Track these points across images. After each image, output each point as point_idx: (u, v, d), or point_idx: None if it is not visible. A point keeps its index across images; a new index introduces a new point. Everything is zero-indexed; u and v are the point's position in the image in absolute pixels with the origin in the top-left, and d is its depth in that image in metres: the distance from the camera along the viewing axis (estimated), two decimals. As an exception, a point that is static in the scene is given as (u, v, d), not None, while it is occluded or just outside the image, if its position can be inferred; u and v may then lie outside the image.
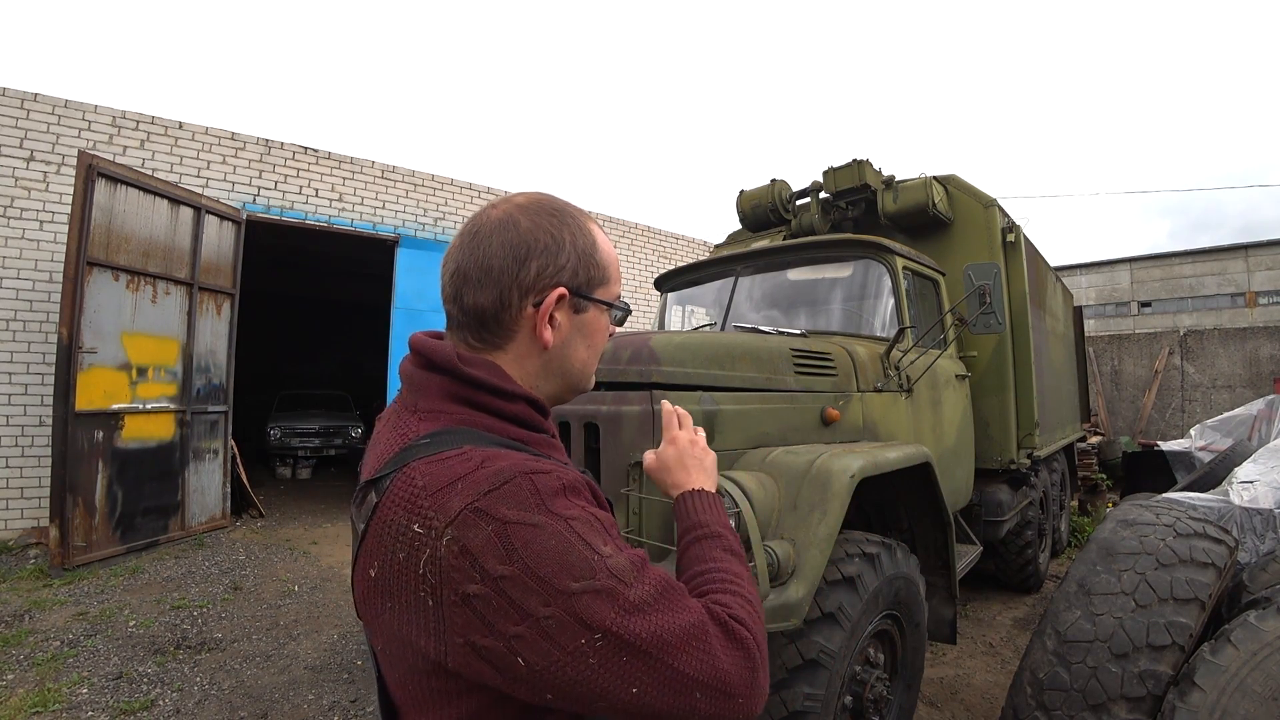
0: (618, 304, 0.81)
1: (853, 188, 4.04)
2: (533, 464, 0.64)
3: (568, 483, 0.65)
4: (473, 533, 0.57)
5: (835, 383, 2.62)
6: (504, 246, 0.72)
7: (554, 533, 0.59)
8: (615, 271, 0.81)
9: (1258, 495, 2.51)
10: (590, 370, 0.83)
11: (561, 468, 0.67)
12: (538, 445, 0.75)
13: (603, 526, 0.65)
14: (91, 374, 4.99)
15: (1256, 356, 10.17)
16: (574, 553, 0.59)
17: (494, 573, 0.57)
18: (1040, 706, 1.72)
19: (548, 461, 0.67)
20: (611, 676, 0.58)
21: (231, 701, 2.96)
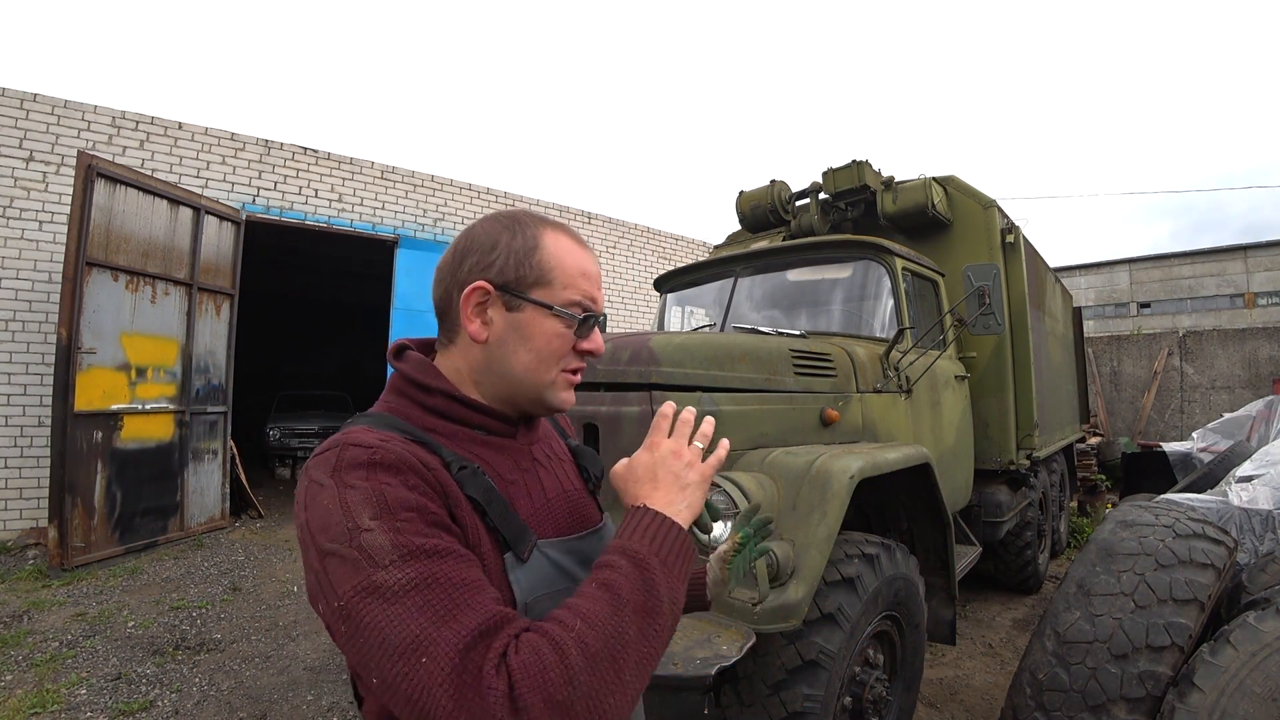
0: (564, 309, 0.78)
1: (852, 189, 4.04)
2: (360, 437, 0.67)
3: (380, 459, 0.64)
4: (299, 488, 0.67)
5: (835, 383, 2.62)
6: (453, 248, 0.80)
7: (329, 495, 0.62)
8: (565, 277, 0.79)
9: (1256, 496, 2.51)
10: (540, 379, 0.79)
11: (390, 448, 0.65)
12: (451, 436, 0.76)
13: (386, 506, 0.61)
14: (91, 374, 4.98)
15: (1255, 357, 10.17)
16: (333, 516, 0.61)
17: (298, 519, 0.65)
18: (1040, 707, 1.72)
19: (378, 437, 0.67)
20: (351, 650, 0.58)
21: (230, 702, 2.96)
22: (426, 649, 0.54)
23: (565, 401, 0.82)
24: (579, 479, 0.93)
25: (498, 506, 0.72)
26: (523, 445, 0.84)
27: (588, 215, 10.05)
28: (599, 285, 0.84)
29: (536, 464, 0.85)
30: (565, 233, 0.83)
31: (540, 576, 0.74)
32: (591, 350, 0.82)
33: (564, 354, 0.80)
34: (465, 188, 8.71)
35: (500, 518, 0.72)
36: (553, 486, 0.85)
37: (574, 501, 0.87)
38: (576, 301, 0.79)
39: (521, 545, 0.73)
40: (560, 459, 0.91)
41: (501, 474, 0.78)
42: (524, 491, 0.80)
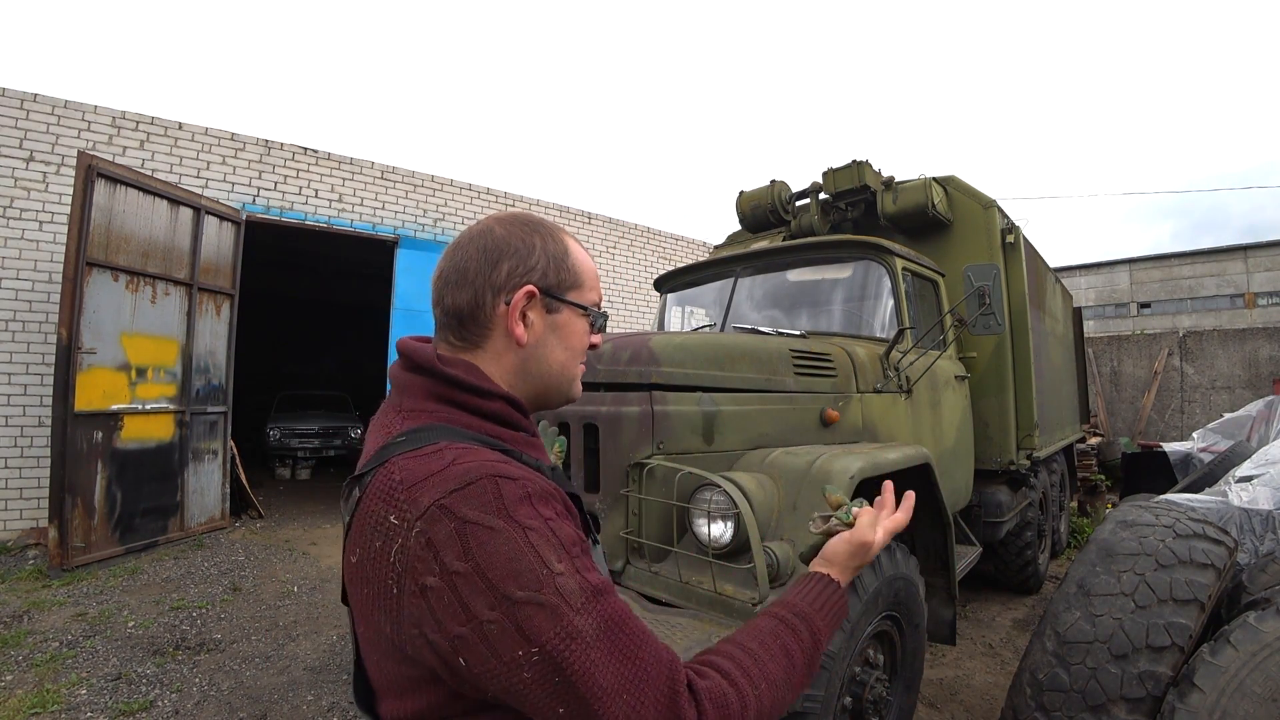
0: (593, 310, 0.86)
1: (852, 189, 4.05)
2: (501, 467, 0.66)
3: (534, 491, 0.65)
4: (438, 528, 0.60)
5: (835, 384, 2.62)
6: (479, 251, 0.79)
7: (508, 539, 0.60)
8: (590, 280, 0.86)
9: (1256, 496, 2.51)
10: (570, 374, 0.86)
11: (532, 474, 0.68)
12: (514, 443, 0.78)
13: (560, 543, 0.63)
14: (91, 374, 4.98)
15: (1255, 358, 10.17)
16: (524, 562, 0.60)
17: (450, 568, 0.59)
18: (1040, 707, 1.72)
19: (518, 466, 0.68)
20: (542, 693, 0.59)
21: (230, 702, 2.96)
22: (631, 686, 0.60)
23: (579, 392, 0.89)
24: None
25: (578, 501, 0.77)
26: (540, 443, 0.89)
27: (588, 215, 10.05)
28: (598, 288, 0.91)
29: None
30: (573, 239, 0.88)
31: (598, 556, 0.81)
32: (597, 344, 0.89)
33: (582, 350, 0.87)
34: (465, 188, 8.71)
35: (584, 513, 0.78)
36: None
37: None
38: (597, 302, 0.87)
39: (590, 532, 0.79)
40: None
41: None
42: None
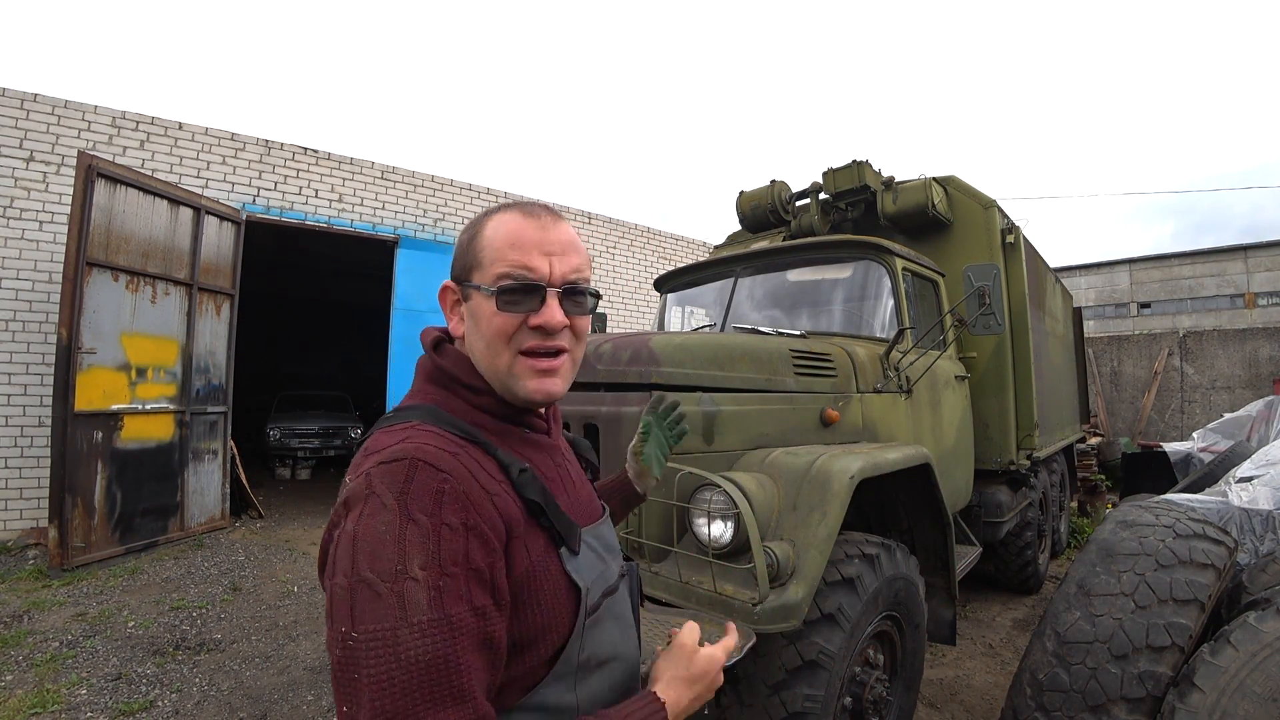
0: (487, 286, 0.75)
1: (852, 189, 4.04)
2: (436, 455, 0.66)
3: (450, 490, 0.64)
4: (356, 493, 0.65)
5: (835, 384, 2.62)
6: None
7: (387, 521, 0.61)
8: (493, 253, 0.75)
9: (1256, 496, 2.51)
10: (495, 364, 0.77)
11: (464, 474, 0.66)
12: (501, 435, 0.78)
13: (437, 553, 0.61)
14: (91, 374, 4.98)
15: (1255, 358, 10.17)
16: (386, 548, 0.60)
17: (344, 527, 0.63)
18: (1040, 708, 1.72)
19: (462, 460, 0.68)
20: (339, 682, 0.58)
21: (230, 702, 2.96)
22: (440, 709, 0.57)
23: (534, 391, 0.77)
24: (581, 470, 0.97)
25: (552, 505, 0.75)
26: (555, 442, 0.88)
27: (588, 215, 10.05)
28: (542, 252, 0.76)
29: (564, 458, 0.89)
30: (511, 209, 0.79)
31: (588, 563, 0.79)
32: (540, 324, 0.75)
33: (510, 333, 0.75)
34: (465, 188, 8.71)
35: (555, 515, 0.75)
36: (576, 478, 0.90)
37: (589, 491, 0.93)
38: (504, 274, 0.74)
39: (572, 538, 0.77)
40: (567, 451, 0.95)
41: (544, 472, 0.80)
42: (562, 487, 0.83)
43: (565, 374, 0.80)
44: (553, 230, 0.78)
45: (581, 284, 0.79)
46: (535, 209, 0.79)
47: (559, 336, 0.77)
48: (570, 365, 0.80)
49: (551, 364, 0.77)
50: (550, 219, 0.79)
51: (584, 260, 0.80)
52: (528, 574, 0.70)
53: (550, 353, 0.77)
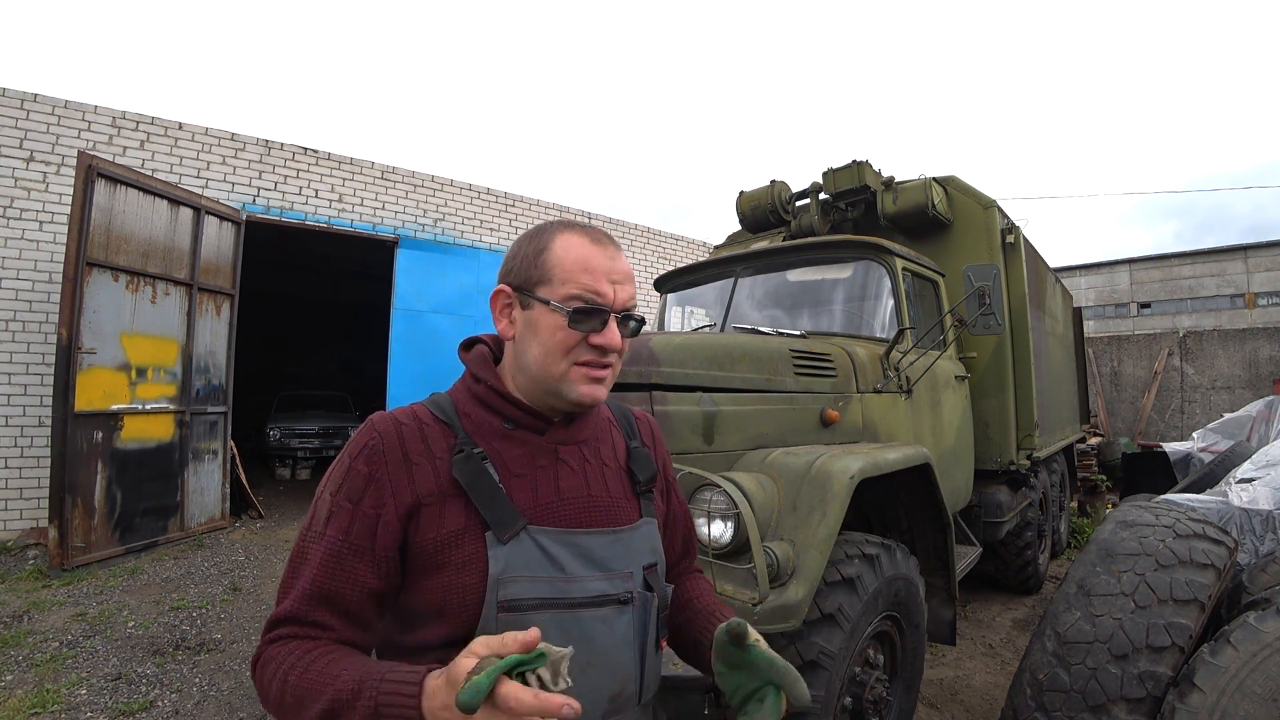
0: (557, 303, 0.83)
1: (852, 189, 4.04)
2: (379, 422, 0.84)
3: (372, 445, 0.82)
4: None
5: (835, 384, 2.62)
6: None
7: (338, 457, 0.84)
8: (565, 274, 0.84)
9: (1257, 496, 2.51)
10: (551, 371, 0.85)
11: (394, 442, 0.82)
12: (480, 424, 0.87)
13: (344, 484, 0.80)
14: (91, 374, 4.98)
15: (1255, 358, 10.18)
16: (328, 475, 0.84)
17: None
18: (1040, 708, 1.72)
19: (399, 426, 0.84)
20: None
21: (230, 703, 2.96)
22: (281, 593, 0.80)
23: (584, 395, 0.86)
24: (622, 483, 0.95)
25: (482, 491, 0.81)
26: (547, 444, 0.90)
27: (588, 215, 10.06)
28: (609, 280, 0.85)
29: (559, 462, 0.89)
30: (579, 233, 0.88)
31: (522, 559, 0.80)
32: (601, 344, 0.85)
33: (570, 347, 0.84)
34: (465, 188, 8.71)
35: (483, 501, 0.81)
36: (571, 486, 0.89)
37: (593, 503, 0.90)
38: (575, 295, 0.84)
39: (504, 529, 0.80)
40: (603, 464, 0.94)
41: (509, 465, 0.86)
42: (529, 485, 0.86)
43: (608, 383, 0.90)
44: (617, 260, 0.88)
45: (635, 312, 0.90)
46: (601, 237, 0.89)
47: (612, 355, 0.88)
48: (612, 376, 0.90)
49: (602, 374, 0.87)
50: (614, 249, 0.90)
51: (635, 289, 0.91)
52: (436, 544, 0.79)
53: (600, 367, 0.87)
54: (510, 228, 9.11)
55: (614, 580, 0.86)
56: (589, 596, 0.83)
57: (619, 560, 0.88)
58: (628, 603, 0.86)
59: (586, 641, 0.81)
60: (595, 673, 0.82)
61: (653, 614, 0.90)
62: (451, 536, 0.79)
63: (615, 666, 0.85)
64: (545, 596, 0.80)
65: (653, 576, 0.91)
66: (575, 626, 0.82)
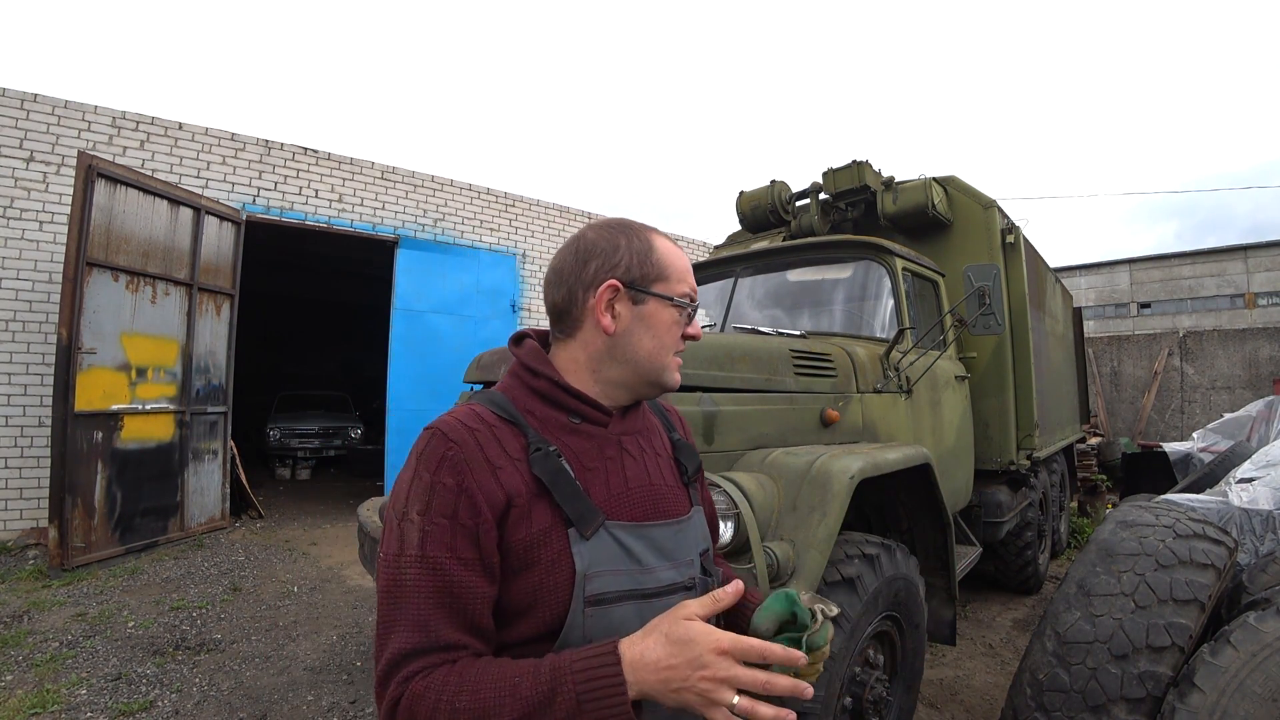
0: (678, 299, 0.91)
1: (852, 189, 4.04)
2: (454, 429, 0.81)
3: (451, 456, 0.78)
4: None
5: (835, 384, 2.62)
6: (572, 254, 0.91)
7: (409, 474, 0.80)
8: (677, 272, 0.92)
9: (1257, 496, 2.51)
10: (661, 361, 0.91)
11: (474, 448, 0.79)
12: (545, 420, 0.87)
13: (429, 504, 0.76)
14: (91, 374, 4.98)
15: (1255, 358, 10.18)
16: (401, 494, 0.79)
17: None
18: (1040, 708, 1.72)
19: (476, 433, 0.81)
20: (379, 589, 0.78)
21: (230, 703, 2.96)
22: (389, 630, 0.74)
23: (676, 381, 0.93)
24: (673, 473, 0.99)
25: (564, 488, 0.82)
26: (612, 435, 0.92)
27: (588, 215, 10.05)
28: (690, 283, 0.95)
29: (624, 453, 0.92)
30: (666, 236, 0.96)
31: (604, 554, 0.83)
32: (694, 335, 0.94)
33: (677, 339, 0.93)
34: (465, 188, 8.71)
35: (565, 498, 0.82)
36: (636, 476, 0.91)
37: (656, 493, 0.93)
38: (686, 293, 0.93)
39: (585, 524, 0.82)
40: (656, 454, 0.97)
41: (582, 460, 0.87)
42: (602, 478, 0.88)
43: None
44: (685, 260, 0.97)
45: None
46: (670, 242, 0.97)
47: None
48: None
49: (679, 362, 0.95)
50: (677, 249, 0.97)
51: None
52: (526, 543, 0.79)
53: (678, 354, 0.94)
54: (510, 228, 9.11)
55: (680, 568, 0.90)
56: (662, 586, 0.87)
57: (682, 549, 0.92)
58: (692, 588, 0.91)
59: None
60: None
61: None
62: (540, 535, 0.79)
63: None
64: (626, 589, 0.83)
65: (708, 561, 0.97)
66: (652, 614, 0.83)
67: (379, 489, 7.75)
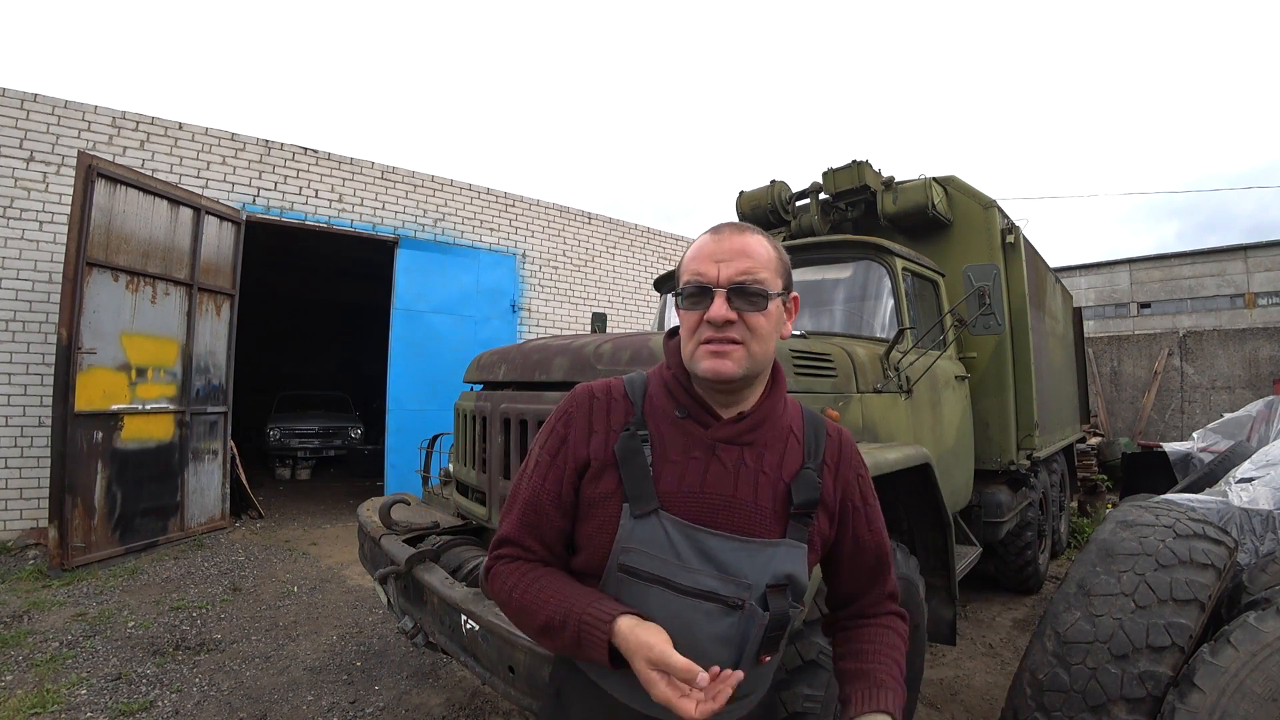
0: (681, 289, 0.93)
1: (852, 189, 4.04)
2: (583, 392, 1.01)
3: (571, 412, 0.99)
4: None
5: (835, 383, 2.62)
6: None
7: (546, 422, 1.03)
8: (683, 270, 0.95)
9: (1257, 496, 2.51)
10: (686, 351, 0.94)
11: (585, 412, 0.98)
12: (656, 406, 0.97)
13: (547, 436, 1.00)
14: (91, 374, 4.98)
15: (1255, 358, 10.18)
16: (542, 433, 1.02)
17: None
18: (1040, 708, 1.72)
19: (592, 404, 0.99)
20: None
21: (230, 703, 2.96)
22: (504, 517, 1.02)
23: (707, 370, 0.90)
24: (774, 497, 0.94)
25: (633, 468, 0.92)
26: (708, 437, 0.94)
27: (588, 215, 10.05)
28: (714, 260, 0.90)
29: (713, 458, 0.93)
30: (705, 233, 0.96)
31: (647, 536, 0.90)
32: (709, 318, 0.89)
33: (693, 328, 0.91)
34: (465, 188, 8.71)
35: (630, 476, 0.91)
36: (717, 483, 0.92)
37: (733, 505, 0.92)
38: (686, 282, 0.92)
39: (639, 505, 0.91)
40: (763, 471, 0.94)
41: (667, 449, 0.94)
42: (677, 472, 0.93)
43: (738, 359, 0.90)
44: (728, 241, 0.92)
45: (750, 284, 0.89)
46: (723, 227, 0.95)
47: (731, 329, 0.89)
48: (745, 356, 0.90)
49: (722, 348, 0.89)
50: (731, 231, 0.93)
51: (758, 263, 0.91)
52: (591, 499, 0.94)
53: (719, 341, 0.89)
54: (510, 228, 9.11)
55: (728, 583, 0.89)
56: (699, 589, 0.89)
57: (742, 568, 0.90)
58: (739, 608, 0.89)
59: (684, 625, 0.88)
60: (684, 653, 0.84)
61: (758, 632, 0.90)
62: (602, 497, 0.93)
63: (707, 653, 0.86)
64: (658, 574, 0.89)
65: (776, 597, 0.90)
66: (678, 608, 0.89)
67: (379, 489, 7.74)
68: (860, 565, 1.06)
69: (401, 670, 3.31)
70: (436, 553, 2.23)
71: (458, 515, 2.87)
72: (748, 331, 0.89)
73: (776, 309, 0.93)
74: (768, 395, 0.99)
